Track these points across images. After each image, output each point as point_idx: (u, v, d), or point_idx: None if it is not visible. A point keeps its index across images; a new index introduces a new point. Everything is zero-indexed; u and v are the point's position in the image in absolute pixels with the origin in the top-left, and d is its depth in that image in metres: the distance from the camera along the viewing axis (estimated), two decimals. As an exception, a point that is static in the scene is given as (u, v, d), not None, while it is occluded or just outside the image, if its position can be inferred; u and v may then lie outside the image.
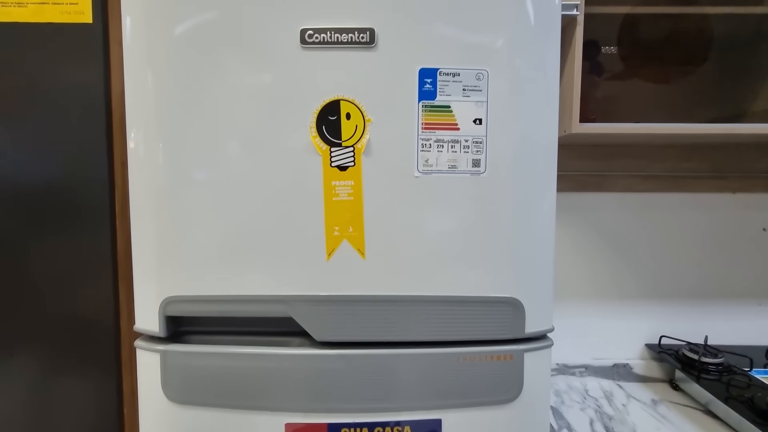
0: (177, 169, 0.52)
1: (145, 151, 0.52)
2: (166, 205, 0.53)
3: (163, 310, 0.53)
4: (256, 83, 0.50)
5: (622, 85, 1.03)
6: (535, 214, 0.53)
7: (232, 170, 0.51)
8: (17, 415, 0.76)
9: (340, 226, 0.51)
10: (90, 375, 0.75)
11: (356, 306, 0.51)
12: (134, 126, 0.52)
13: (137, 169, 0.53)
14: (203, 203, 0.52)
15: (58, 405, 0.76)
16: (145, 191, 0.53)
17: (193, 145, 0.51)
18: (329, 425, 0.52)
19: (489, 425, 0.53)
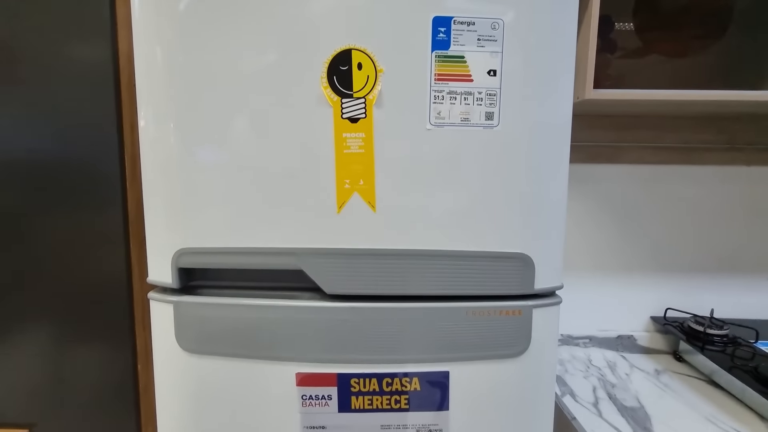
0: (187, 127, 0.51)
1: (155, 115, 0.52)
2: (176, 161, 0.53)
3: (175, 262, 0.53)
4: (266, 36, 0.49)
5: (637, 60, 1.00)
6: (549, 169, 0.52)
7: (242, 124, 0.51)
8: (36, 377, 0.78)
9: (350, 179, 0.50)
10: (105, 335, 0.77)
11: (366, 259, 0.52)
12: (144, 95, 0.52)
13: (148, 127, 0.53)
14: (214, 159, 0.52)
15: (74, 364, 0.78)
16: (156, 150, 0.53)
17: (204, 103, 0.51)
18: (339, 375, 0.53)
19: (496, 378, 0.54)
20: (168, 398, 0.58)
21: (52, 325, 0.77)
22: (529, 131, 0.51)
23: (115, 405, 0.79)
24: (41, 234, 0.75)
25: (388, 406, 0.53)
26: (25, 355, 0.78)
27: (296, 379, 0.53)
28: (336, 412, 0.54)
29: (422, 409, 0.54)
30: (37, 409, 0.79)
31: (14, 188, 0.74)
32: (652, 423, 0.83)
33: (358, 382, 0.53)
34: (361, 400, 0.53)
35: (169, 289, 0.56)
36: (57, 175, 0.74)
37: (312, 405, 0.54)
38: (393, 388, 0.53)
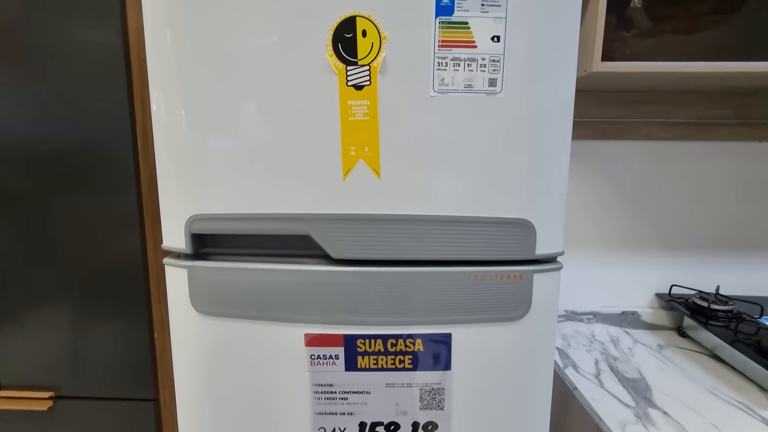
0: (197, 98, 0.53)
1: (166, 86, 0.53)
2: (187, 132, 0.54)
3: (188, 227, 0.56)
4: (272, 5, 0.50)
5: (654, 38, 0.98)
6: (551, 136, 0.52)
7: (250, 95, 0.52)
8: (59, 346, 0.82)
9: (356, 145, 0.52)
10: (123, 306, 0.81)
11: (371, 225, 0.53)
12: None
13: (159, 100, 0.54)
14: (224, 128, 0.53)
15: (95, 334, 0.82)
16: (167, 121, 0.55)
17: (212, 74, 0.52)
18: (345, 336, 0.55)
19: (497, 340, 0.56)
20: (184, 359, 0.61)
21: (73, 300, 0.81)
22: (532, 98, 0.52)
23: (133, 370, 0.83)
24: (58, 215, 0.78)
25: (392, 366, 0.56)
26: (49, 327, 0.82)
27: (305, 339, 0.56)
28: (343, 371, 0.56)
29: (425, 368, 0.56)
30: (60, 374, 0.83)
31: (30, 172, 0.77)
32: (652, 393, 0.85)
33: (364, 342, 0.55)
34: (366, 360, 0.56)
35: (183, 254, 0.59)
36: (71, 157, 0.76)
37: (320, 364, 0.56)
38: (397, 348, 0.55)
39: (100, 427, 0.84)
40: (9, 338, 0.83)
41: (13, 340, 0.82)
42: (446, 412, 0.57)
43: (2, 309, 0.82)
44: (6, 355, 0.83)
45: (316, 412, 0.57)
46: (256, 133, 0.53)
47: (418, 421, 0.57)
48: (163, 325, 0.82)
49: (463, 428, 0.58)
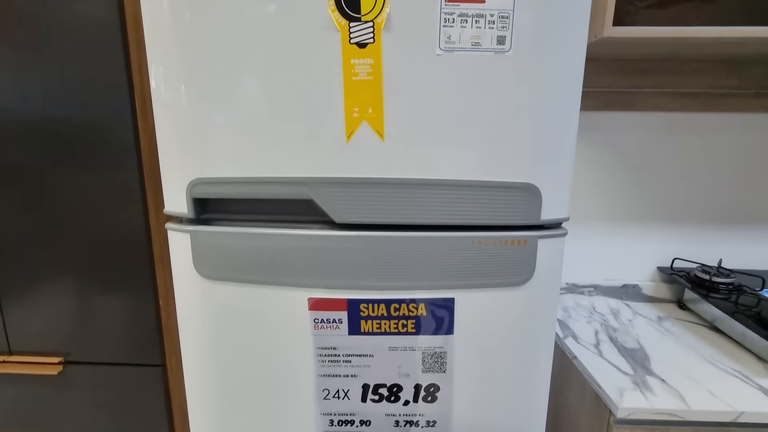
0: (196, 58, 0.51)
1: (165, 57, 0.52)
2: (187, 95, 0.53)
3: (189, 192, 0.55)
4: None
5: (661, 4, 0.94)
6: (560, 98, 0.51)
7: (251, 55, 0.50)
8: (67, 315, 0.84)
9: (359, 107, 0.50)
10: (128, 276, 0.81)
11: (374, 188, 0.52)
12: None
13: (158, 61, 0.53)
14: (224, 91, 0.52)
15: (102, 303, 0.83)
16: (167, 83, 0.53)
17: (212, 36, 0.50)
18: (348, 300, 0.56)
19: (499, 306, 0.56)
20: (189, 323, 0.61)
21: (80, 271, 0.82)
22: (541, 58, 0.50)
23: (140, 337, 0.84)
24: (61, 188, 0.78)
25: (395, 330, 0.56)
26: (56, 297, 0.83)
27: (308, 304, 0.56)
28: (346, 334, 0.57)
29: (428, 333, 0.56)
30: (69, 341, 0.85)
31: (30, 147, 0.76)
32: (651, 362, 0.86)
33: (367, 307, 0.56)
34: (370, 324, 0.56)
35: (185, 219, 0.58)
36: (70, 129, 0.75)
37: (323, 328, 0.57)
38: (400, 313, 0.56)
39: (109, 391, 0.86)
40: (18, 308, 0.84)
41: (22, 310, 0.84)
42: (448, 374, 0.58)
43: (11, 281, 0.83)
44: (16, 323, 0.85)
45: (320, 374, 0.58)
46: (257, 95, 0.51)
47: (420, 384, 0.58)
48: (168, 293, 0.83)
49: (464, 390, 0.59)
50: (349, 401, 0.59)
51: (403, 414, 0.59)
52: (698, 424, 0.72)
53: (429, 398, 0.59)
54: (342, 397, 0.59)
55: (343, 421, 0.60)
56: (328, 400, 0.59)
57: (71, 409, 0.88)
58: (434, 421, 0.60)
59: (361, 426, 0.60)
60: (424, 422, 0.60)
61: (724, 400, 0.73)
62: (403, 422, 0.60)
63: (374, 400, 0.59)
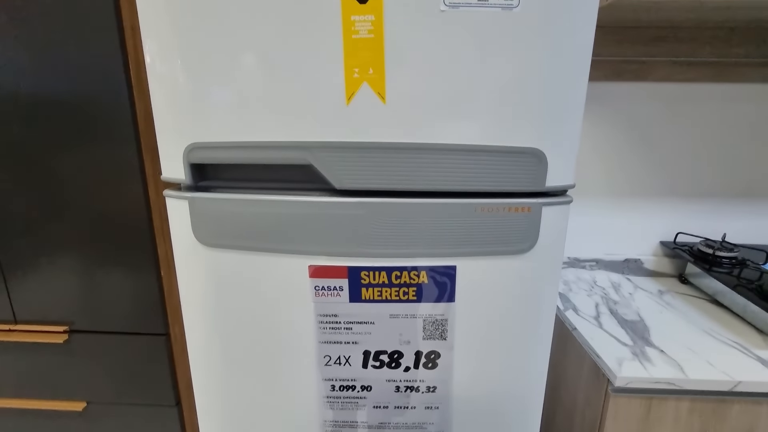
0: (192, 18, 0.49)
1: (157, 16, 0.49)
2: (181, 58, 0.51)
3: (186, 157, 0.54)
4: None
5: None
6: (569, 58, 0.49)
7: (246, 10, 0.48)
8: (71, 286, 0.84)
9: (359, 67, 0.48)
10: (130, 247, 0.81)
11: (375, 153, 0.51)
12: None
13: (149, 21, 0.50)
14: (220, 53, 0.50)
15: (105, 274, 0.83)
16: (159, 43, 0.51)
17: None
18: (349, 268, 0.55)
19: (501, 273, 0.55)
20: (190, 291, 0.61)
21: (82, 243, 0.82)
22: (550, 16, 0.47)
23: (143, 307, 0.85)
24: (59, 164, 0.77)
25: (396, 297, 0.56)
26: (60, 270, 0.83)
27: (309, 271, 0.56)
28: (347, 302, 0.57)
29: (429, 300, 0.56)
30: (73, 312, 0.86)
31: (27, 124, 0.75)
32: (650, 334, 0.87)
33: (368, 274, 0.55)
34: (371, 292, 0.56)
35: (183, 186, 0.57)
36: (63, 103, 0.74)
37: (324, 295, 0.57)
38: (401, 280, 0.55)
39: (115, 359, 0.88)
40: (22, 281, 0.84)
41: (26, 283, 0.84)
42: (449, 342, 0.58)
43: (14, 254, 0.83)
44: (20, 295, 0.85)
45: (321, 341, 0.59)
46: (254, 56, 0.49)
47: (420, 350, 0.59)
48: (169, 264, 0.83)
49: (464, 357, 0.59)
50: (350, 367, 0.60)
51: (404, 380, 0.60)
52: (696, 393, 0.73)
53: (429, 365, 0.59)
54: (343, 364, 0.59)
55: (345, 386, 0.61)
56: (329, 366, 0.60)
57: (77, 377, 0.89)
58: (434, 386, 0.60)
59: (362, 391, 0.61)
60: (424, 388, 0.60)
61: (722, 370, 0.73)
62: (403, 388, 0.60)
63: (375, 366, 0.59)
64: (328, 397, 0.61)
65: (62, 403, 0.90)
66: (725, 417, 0.74)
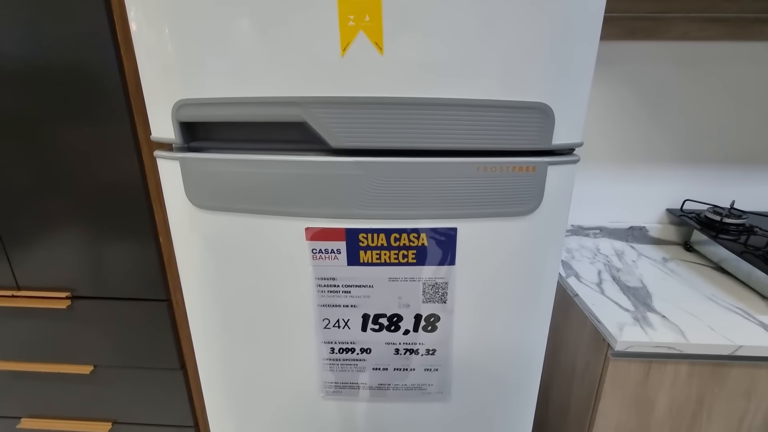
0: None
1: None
2: (164, 9, 0.47)
3: (175, 114, 0.51)
4: None
5: None
6: (580, 5, 0.45)
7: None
8: (72, 254, 0.83)
9: (355, 14, 0.45)
10: (127, 215, 0.80)
11: (372, 109, 0.48)
12: None
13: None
14: (208, 4, 0.46)
15: (104, 242, 0.82)
16: (144, 4, 0.48)
17: None
18: (347, 230, 0.54)
19: (504, 235, 0.54)
20: (186, 254, 0.60)
21: (80, 214, 0.80)
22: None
23: (144, 274, 0.84)
24: (52, 135, 0.75)
25: (395, 260, 0.55)
26: (60, 239, 0.83)
27: (306, 234, 0.54)
28: (345, 265, 0.56)
29: (429, 263, 0.55)
30: (75, 279, 0.86)
31: (18, 96, 0.72)
32: (652, 300, 0.86)
33: (366, 237, 0.54)
34: (369, 255, 0.55)
35: (174, 147, 0.55)
36: (55, 78, 0.71)
37: (322, 258, 0.56)
38: (401, 243, 0.54)
39: (118, 325, 0.89)
40: (23, 251, 0.84)
41: (27, 252, 0.84)
42: (449, 305, 0.57)
43: (14, 227, 0.82)
44: (20, 262, 0.85)
45: (319, 304, 0.58)
46: (242, 5, 0.46)
47: (420, 314, 0.58)
48: (166, 231, 0.82)
49: (464, 321, 0.59)
50: (349, 330, 0.59)
51: (403, 342, 0.60)
52: (695, 357, 0.73)
53: (429, 328, 0.59)
54: (342, 327, 0.59)
55: (344, 349, 0.61)
56: (328, 329, 0.60)
57: (82, 342, 0.91)
58: (434, 349, 0.60)
59: (362, 354, 0.61)
60: (423, 350, 0.60)
61: (723, 334, 0.73)
62: (403, 350, 0.60)
63: (374, 329, 0.59)
64: (328, 360, 0.62)
65: (69, 366, 0.92)
66: (723, 380, 0.74)
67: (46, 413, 0.99)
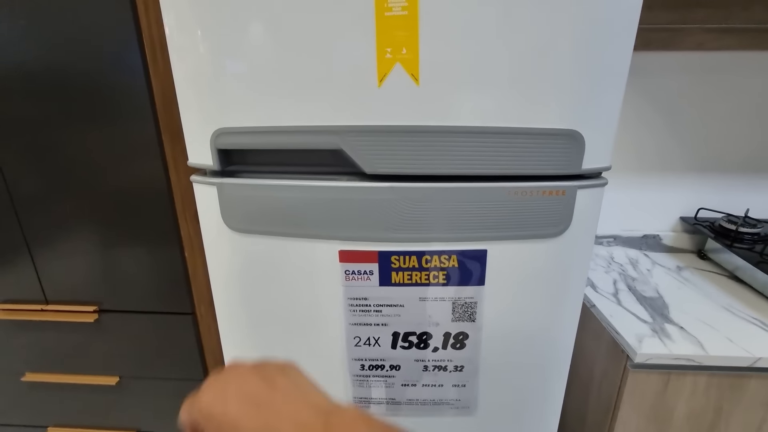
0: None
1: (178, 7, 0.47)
2: (206, 41, 0.49)
3: (214, 142, 0.53)
4: None
5: None
6: (614, 29, 0.46)
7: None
8: (98, 266, 0.85)
9: (392, 47, 0.46)
10: (153, 228, 0.81)
11: (407, 137, 0.50)
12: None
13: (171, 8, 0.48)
14: (247, 35, 0.48)
15: (130, 256, 0.83)
16: (180, 29, 0.49)
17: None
18: (380, 253, 0.55)
19: (532, 257, 0.55)
20: (220, 276, 0.62)
21: (106, 224, 0.82)
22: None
23: (168, 288, 0.86)
24: (78, 144, 0.76)
25: (426, 281, 0.56)
26: (85, 251, 0.84)
27: (339, 256, 0.56)
28: (377, 285, 0.57)
29: (459, 284, 0.56)
30: (100, 292, 0.88)
31: (41, 100, 0.73)
32: (669, 310, 0.87)
33: (398, 259, 0.55)
34: (401, 275, 0.56)
35: (209, 171, 0.57)
36: (81, 83, 0.72)
37: (354, 279, 0.57)
38: (432, 264, 0.55)
39: (143, 338, 0.90)
40: (49, 262, 0.85)
41: (53, 264, 0.86)
42: (477, 323, 0.59)
43: (43, 241, 0.84)
44: (49, 276, 0.87)
45: (350, 323, 0.60)
46: (281, 35, 0.47)
47: (449, 332, 0.60)
48: (192, 245, 0.84)
49: (492, 337, 0.60)
50: (379, 348, 0.61)
51: (432, 360, 0.61)
52: (715, 368, 0.74)
53: (458, 345, 0.60)
54: (372, 344, 0.61)
55: (374, 365, 0.62)
56: (359, 346, 0.61)
57: (109, 353, 0.92)
58: (462, 365, 0.62)
59: (391, 370, 0.62)
60: (452, 367, 0.62)
61: (742, 346, 0.74)
62: (431, 367, 0.62)
63: (404, 347, 0.61)
64: (358, 376, 0.63)
65: (96, 378, 0.94)
66: (742, 391, 0.76)
67: (71, 422, 1.01)
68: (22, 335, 0.91)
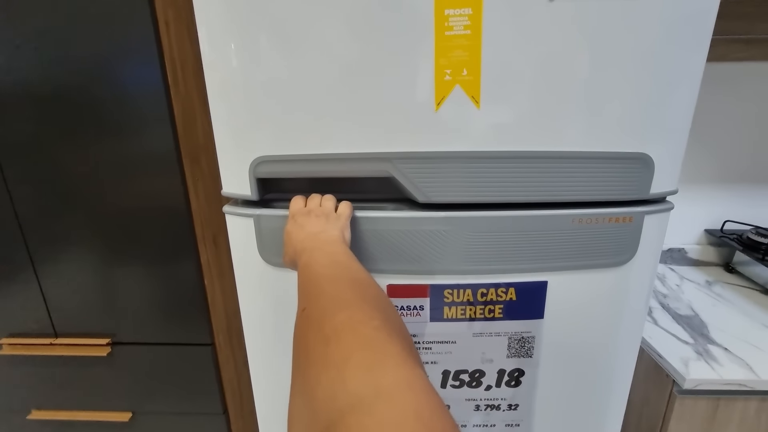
0: (256, 14, 0.42)
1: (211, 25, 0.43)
2: (240, 57, 0.45)
3: (253, 171, 0.49)
4: None
5: None
6: (684, 51, 0.43)
7: (323, 8, 0.42)
8: (111, 294, 0.80)
9: (452, 68, 0.43)
10: (170, 253, 0.77)
11: (464, 163, 0.46)
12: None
13: (205, 29, 0.44)
14: (287, 51, 0.44)
15: (146, 282, 0.78)
16: (215, 50, 0.45)
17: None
18: (431, 286, 0.51)
19: (595, 287, 0.52)
20: (254, 311, 0.57)
21: (120, 249, 0.77)
22: (666, 7, 0.42)
23: (185, 317, 0.81)
24: (92, 162, 0.72)
25: (481, 316, 0.52)
26: (97, 277, 0.79)
27: (388, 291, 0.52)
28: (428, 321, 0.53)
29: (516, 318, 0.53)
30: (113, 322, 0.82)
31: (60, 118, 0.69)
32: (708, 330, 0.84)
33: (452, 292, 0.51)
34: (454, 310, 0.52)
35: (242, 201, 0.52)
36: (99, 100, 0.68)
37: (403, 315, 0.53)
38: (488, 298, 0.52)
39: (159, 370, 0.85)
40: (58, 291, 0.80)
41: (64, 296, 0.80)
42: (534, 359, 0.55)
43: (53, 271, 0.78)
44: (58, 305, 0.81)
45: (397, 361, 0.55)
46: (329, 56, 0.44)
47: (504, 369, 0.55)
48: (211, 271, 0.79)
49: (549, 373, 0.56)
50: (427, 386, 0.56)
51: (485, 399, 0.57)
52: (766, 393, 0.71)
53: (513, 383, 0.56)
54: (420, 383, 0.56)
55: (421, 405, 0.58)
56: (405, 385, 0.57)
57: (121, 387, 0.87)
58: (516, 404, 0.57)
59: (440, 410, 0.58)
60: (505, 406, 0.58)
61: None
62: (483, 406, 0.58)
63: (454, 385, 0.56)
64: (403, 416, 0.59)
65: (108, 414, 0.88)
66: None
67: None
68: (29, 370, 0.85)
